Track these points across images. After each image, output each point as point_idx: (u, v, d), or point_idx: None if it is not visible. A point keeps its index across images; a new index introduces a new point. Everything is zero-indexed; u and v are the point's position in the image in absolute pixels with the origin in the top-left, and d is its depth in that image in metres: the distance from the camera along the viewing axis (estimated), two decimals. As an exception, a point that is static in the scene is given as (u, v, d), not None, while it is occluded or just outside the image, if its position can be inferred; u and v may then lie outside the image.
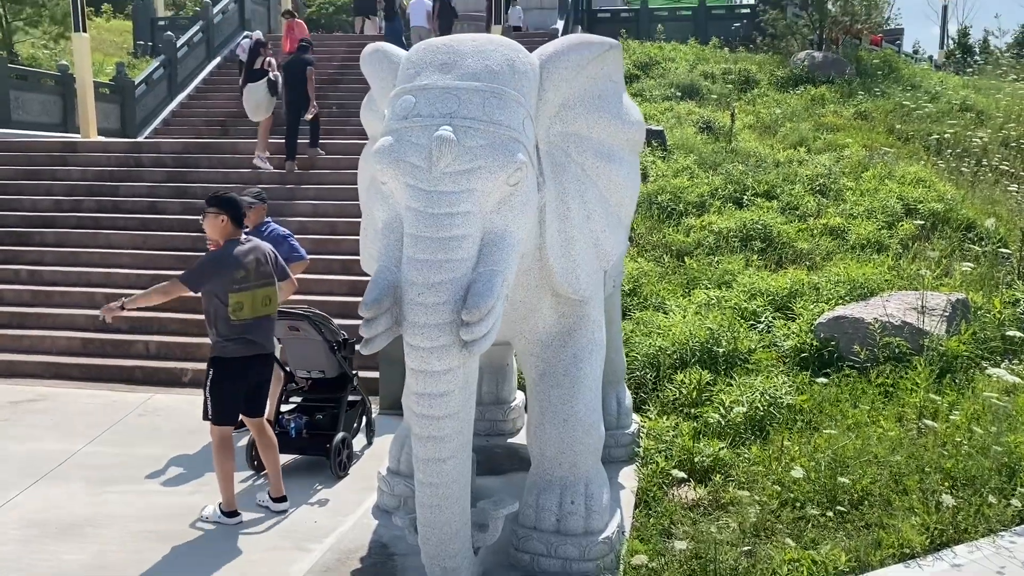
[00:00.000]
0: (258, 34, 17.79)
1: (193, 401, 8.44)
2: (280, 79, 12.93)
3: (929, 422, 5.79)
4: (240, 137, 15.43)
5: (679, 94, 17.23)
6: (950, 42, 38.00)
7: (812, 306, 8.24)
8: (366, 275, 10.28)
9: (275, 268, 5.60)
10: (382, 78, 4.53)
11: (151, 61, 21.79)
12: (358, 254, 10.71)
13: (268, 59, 13.04)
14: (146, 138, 17.32)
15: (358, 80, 18.00)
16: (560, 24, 18.95)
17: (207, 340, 9.44)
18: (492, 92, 3.99)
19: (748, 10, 24.11)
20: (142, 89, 17.92)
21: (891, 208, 10.71)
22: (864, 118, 15.34)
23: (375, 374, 8.42)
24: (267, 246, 5.67)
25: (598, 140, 4.64)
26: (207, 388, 5.49)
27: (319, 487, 6.12)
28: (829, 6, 19.64)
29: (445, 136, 3.82)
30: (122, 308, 5.34)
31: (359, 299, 10.25)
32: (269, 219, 7.61)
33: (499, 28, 14.59)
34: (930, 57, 35.57)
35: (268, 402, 6.01)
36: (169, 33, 19.39)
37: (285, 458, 6.18)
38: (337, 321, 8.65)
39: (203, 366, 9.17)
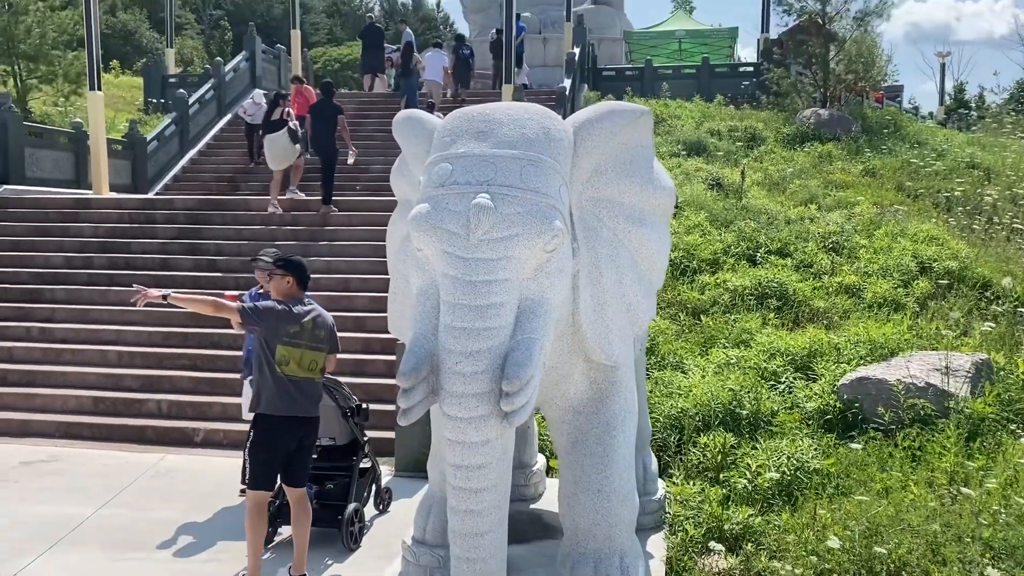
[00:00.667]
0: (255, 95, 18.10)
1: (206, 461, 8.36)
2: (299, 128, 13.24)
3: (965, 489, 5.68)
4: (252, 193, 15.52)
5: (686, 151, 17.36)
6: (947, 98, 38.57)
7: (833, 366, 8.18)
8: (380, 332, 10.33)
9: (330, 337, 5.57)
10: (415, 144, 4.54)
11: (162, 118, 22.05)
12: (371, 311, 10.82)
13: (287, 109, 13.36)
14: (157, 194, 17.42)
15: (368, 137, 18.24)
16: (567, 82, 19.16)
17: (219, 399, 9.48)
18: (528, 160, 3.99)
19: (751, 68, 24.42)
20: (153, 145, 18.07)
21: (906, 266, 10.70)
22: (872, 175, 15.44)
23: (390, 434, 8.32)
24: (329, 316, 5.65)
25: (630, 205, 4.63)
26: (247, 449, 5.39)
27: (329, 561, 5.94)
28: (833, 64, 19.89)
29: (483, 203, 3.81)
30: (164, 299, 5.29)
31: (372, 357, 10.22)
32: None
33: (510, 87, 14.76)
34: (930, 113, 36.05)
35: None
36: (181, 91, 19.64)
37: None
38: (351, 379, 8.61)
39: (215, 425, 9.20)
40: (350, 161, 13.28)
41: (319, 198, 13.33)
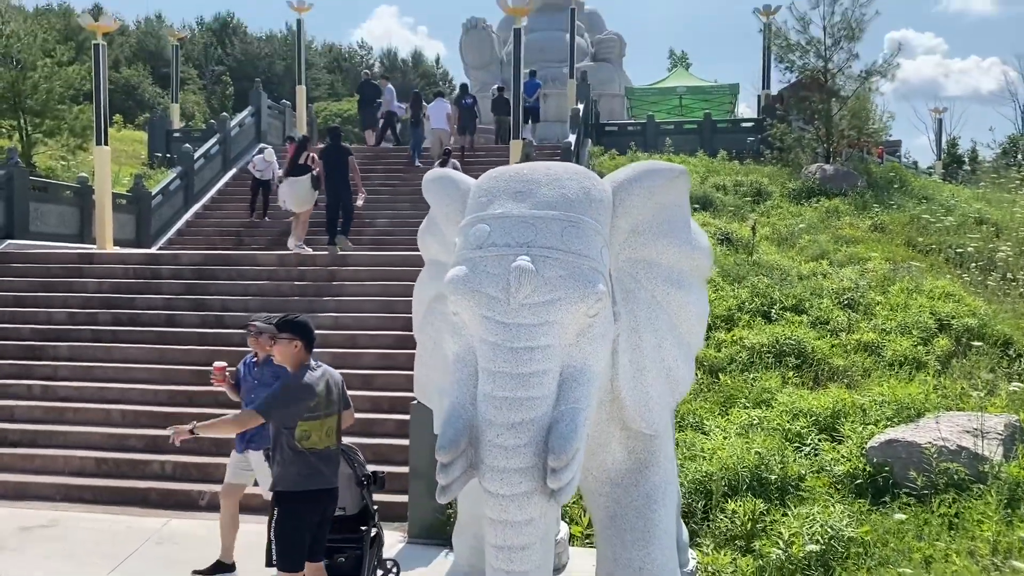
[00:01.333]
0: (267, 152, 18.10)
1: (211, 527, 8.04)
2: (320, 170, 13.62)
3: (1015, 563, 5.43)
4: (259, 248, 15.39)
5: (694, 206, 17.33)
6: (941, 152, 38.87)
7: (860, 428, 7.97)
8: (389, 391, 10.12)
9: (341, 395, 5.37)
10: (447, 204, 4.41)
11: (167, 172, 22.08)
12: (380, 368, 10.61)
13: (311, 155, 13.77)
14: (160, 248, 17.31)
15: (374, 190, 18.22)
16: (572, 138, 19.22)
17: (225, 460, 9.17)
18: (570, 221, 3.85)
19: (752, 123, 24.57)
20: (158, 200, 18.01)
21: (924, 323, 10.54)
22: (881, 230, 15.38)
23: (402, 498, 8.05)
24: (336, 373, 5.42)
25: (667, 266, 4.48)
26: (272, 529, 5.11)
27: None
28: (836, 120, 20.00)
29: (524, 266, 3.66)
30: (191, 432, 5.10)
31: (382, 416, 9.97)
32: None
33: (518, 143, 14.76)
34: (929, 169, 36.28)
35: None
36: (187, 146, 19.65)
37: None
38: (359, 439, 8.33)
39: (220, 487, 8.89)
40: (359, 203, 13.63)
41: (324, 252, 13.27)
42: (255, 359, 6.61)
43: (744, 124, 25.02)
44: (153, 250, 14.70)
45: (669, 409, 4.51)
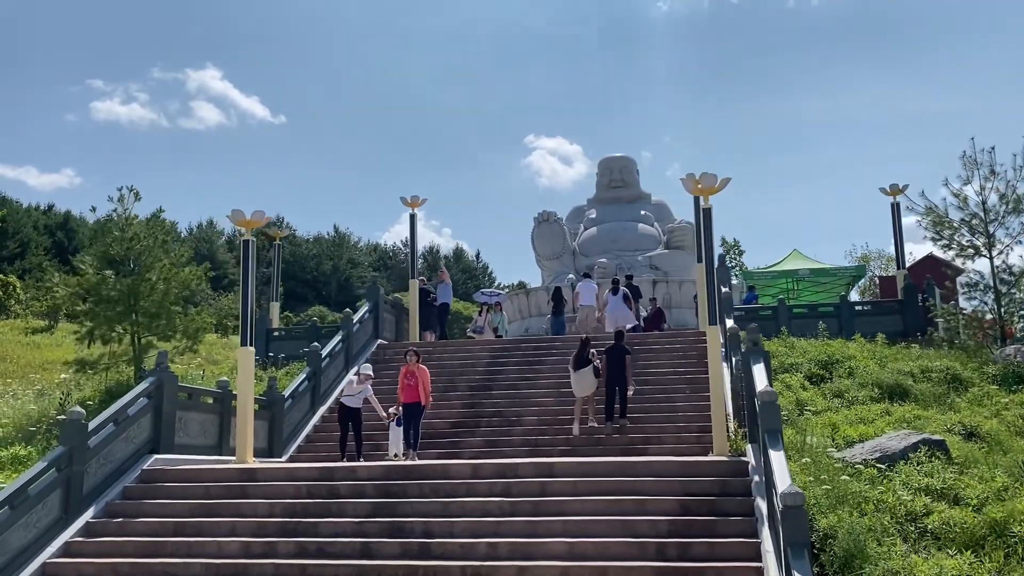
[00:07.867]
0: (365, 367, 16.62)
1: None
2: (602, 364, 14.89)
3: None
4: (448, 458, 13.38)
5: (886, 395, 15.48)
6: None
7: None
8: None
9: None
10: None
11: (275, 372, 20.62)
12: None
13: (593, 351, 15.09)
14: (291, 457, 15.56)
15: (510, 385, 16.58)
16: (730, 322, 17.68)
17: None
18: None
19: (891, 304, 23.02)
20: (288, 403, 16.37)
21: None
22: None
23: None
24: None
25: None
26: None
27: None
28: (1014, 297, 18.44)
29: None
30: None
31: None
32: None
33: (716, 329, 13.20)
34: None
35: None
36: (316, 344, 18.26)
37: None
38: None
39: None
40: (630, 392, 14.79)
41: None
42: None
43: (885, 304, 23.46)
44: (327, 464, 12.75)
45: None
